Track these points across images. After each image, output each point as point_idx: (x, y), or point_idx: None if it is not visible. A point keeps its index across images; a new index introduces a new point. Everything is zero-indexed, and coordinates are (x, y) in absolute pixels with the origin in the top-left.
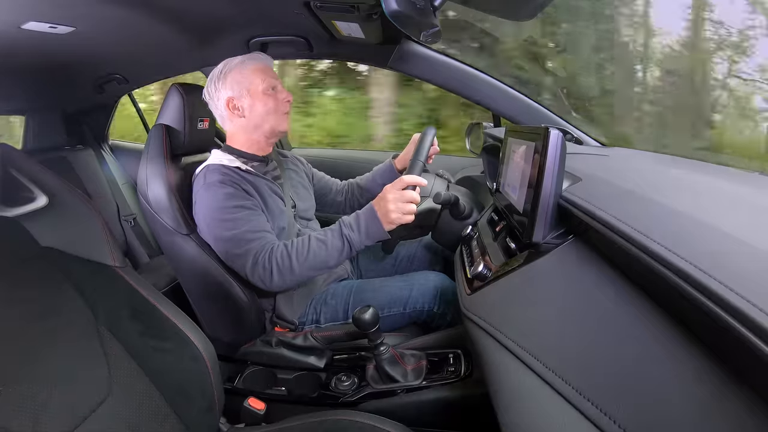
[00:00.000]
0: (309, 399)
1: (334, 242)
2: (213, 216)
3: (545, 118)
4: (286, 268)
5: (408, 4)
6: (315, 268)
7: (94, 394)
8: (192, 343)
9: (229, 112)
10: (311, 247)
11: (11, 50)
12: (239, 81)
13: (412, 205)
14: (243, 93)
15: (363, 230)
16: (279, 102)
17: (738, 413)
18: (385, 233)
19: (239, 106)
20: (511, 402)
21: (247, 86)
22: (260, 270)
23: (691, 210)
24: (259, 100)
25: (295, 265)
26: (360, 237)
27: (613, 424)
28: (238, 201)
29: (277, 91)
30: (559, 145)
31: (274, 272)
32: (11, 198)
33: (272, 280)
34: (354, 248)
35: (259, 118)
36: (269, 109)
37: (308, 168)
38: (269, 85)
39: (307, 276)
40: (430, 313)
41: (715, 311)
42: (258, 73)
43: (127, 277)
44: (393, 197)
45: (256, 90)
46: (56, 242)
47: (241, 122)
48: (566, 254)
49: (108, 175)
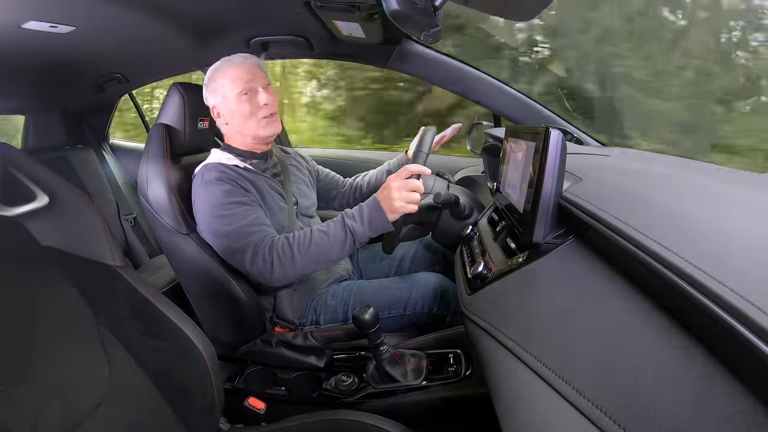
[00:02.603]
0: (309, 399)
1: (336, 233)
2: (211, 213)
3: (545, 118)
4: (288, 260)
5: (409, 3)
6: (317, 260)
7: (94, 394)
8: (192, 343)
9: (217, 119)
10: (313, 238)
11: (11, 50)
12: (216, 89)
13: (416, 194)
14: (221, 100)
15: (366, 221)
16: (255, 107)
17: (738, 413)
18: (388, 224)
19: (221, 114)
20: (511, 402)
21: (222, 93)
22: (260, 262)
23: (692, 210)
24: (234, 107)
25: (297, 256)
26: (363, 228)
27: (613, 424)
28: (235, 197)
29: (255, 94)
30: (559, 145)
31: (275, 264)
32: (11, 197)
33: (273, 273)
34: (357, 239)
35: (239, 125)
36: (245, 114)
37: (312, 165)
38: (243, 89)
39: (309, 269)
40: (430, 314)
41: (715, 311)
42: (233, 79)
43: (128, 277)
44: (397, 186)
45: (231, 96)
46: (56, 242)
47: (227, 129)
48: (566, 254)
49: (108, 174)
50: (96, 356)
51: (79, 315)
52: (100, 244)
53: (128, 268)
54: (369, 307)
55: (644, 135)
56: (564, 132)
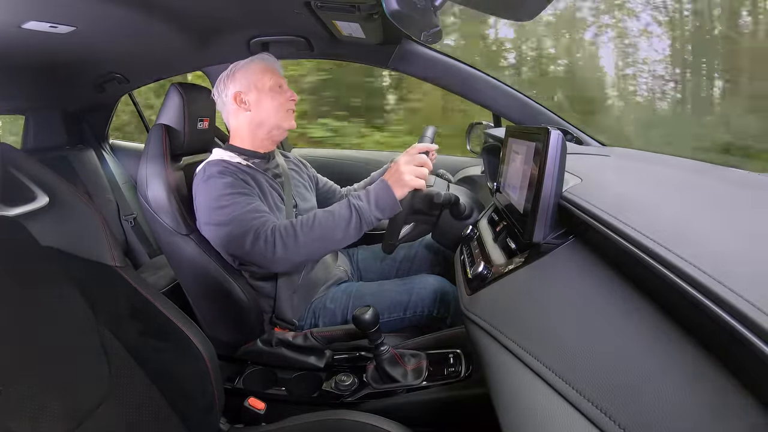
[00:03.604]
0: (309, 399)
1: (342, 212)
2: (212, 205)
3: (545, 118)
4: (290, 238)
5: (409, 3)
6: (322, 239)
7: (94, 394)
8: (192, 343)
9: (236, 106)
10: (317, 218)
11: (11, 50)
12: (247, 77)
13: (424, 169)
14: (250, 88)
15: (373, 199)
16: (285, 99)
17: (738, 414)
18: (396, 203)
19: (246, 100)
20: (511, 402)
21: (254, 82)
22: (262, 243)
23: (692, 210)
24: (265, 96)
25: (300, 234)
26: (369, 206)
27: (613, 424)
28: (236, 189)
29: (284, 90)
30: (559, 145)
31: (278, 243)
32: (11, 197)
33: (275, 252)
34: (364, 219)
35: (264, 113)
36: (276, 104)
37: (311, 171)
38: (276, 83)
39: (314, 249)
40: (430, 317)
41: (715, 312)
42: (266, 71)
43: (128, 277)
44: (405, 160)
45: (264, 86)
46: (56, 242)
47: (246, 116)
48: (567, 254)
49: (108, 174)
50: (96, 356)
51: (79, 315)
52: (100, 244)
53: (128, 268)
54: (369, 307)
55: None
56: (564, 132)
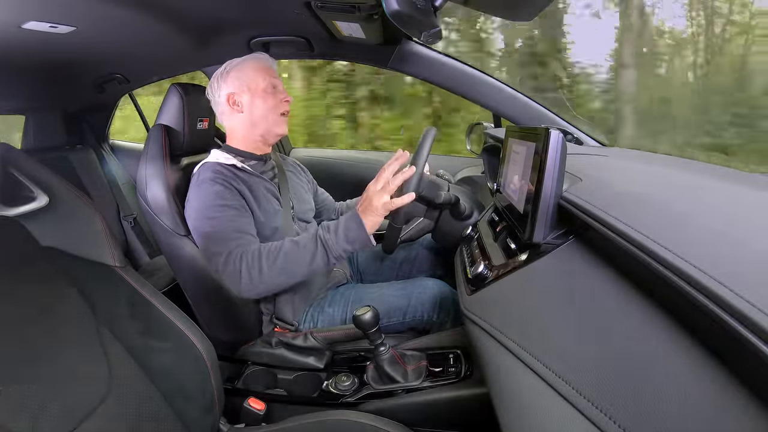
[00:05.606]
0: (309, 399)
1: (307, 244)
2: (198, 213)
3: (545, 118)
4: (255, 270)
5: (409, 4)
6: (286, 272)
7: (94, 394)
8: (192, 343)
9: (229, 107)
10: (282, 249)
11: (11, 50)
12: (240, 77)
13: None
14: (243, 89)
15: (341, 232)
16: (278, 101)
17: (738, 414)
18: (366, 237)
19: (238, 102)
20: (512, 402)
21: (247, 83)
22: (230, 270)
23: (692, 210)
24: (258, 97)
25: (264, 266)
26: (336, 239)
27: (613, 425)
28: (225, 200)
29: (277, 91)
30: (559, 145)
31: (243, 274)
32: (11, 197)
33: (241, 283)
34: (330, 252)
35: (257, 115)
36: (269, 106)
37: (309, 176)
38: (270, 83)
39: (279, 282)
40: (430, 321)
41: (715, 312)
42: (259, 71)
43: (128, 277)
44: (374, 188)
45: (257, 87)
46: (56, 242)
47: (239, 118)
48: (567, 255)
49: (108, 175)
50: (96, 356)
51: (79, 315)
52: (100, 245)
53: (128, 268)
54: (369, 308)
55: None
56: (564, 132)
